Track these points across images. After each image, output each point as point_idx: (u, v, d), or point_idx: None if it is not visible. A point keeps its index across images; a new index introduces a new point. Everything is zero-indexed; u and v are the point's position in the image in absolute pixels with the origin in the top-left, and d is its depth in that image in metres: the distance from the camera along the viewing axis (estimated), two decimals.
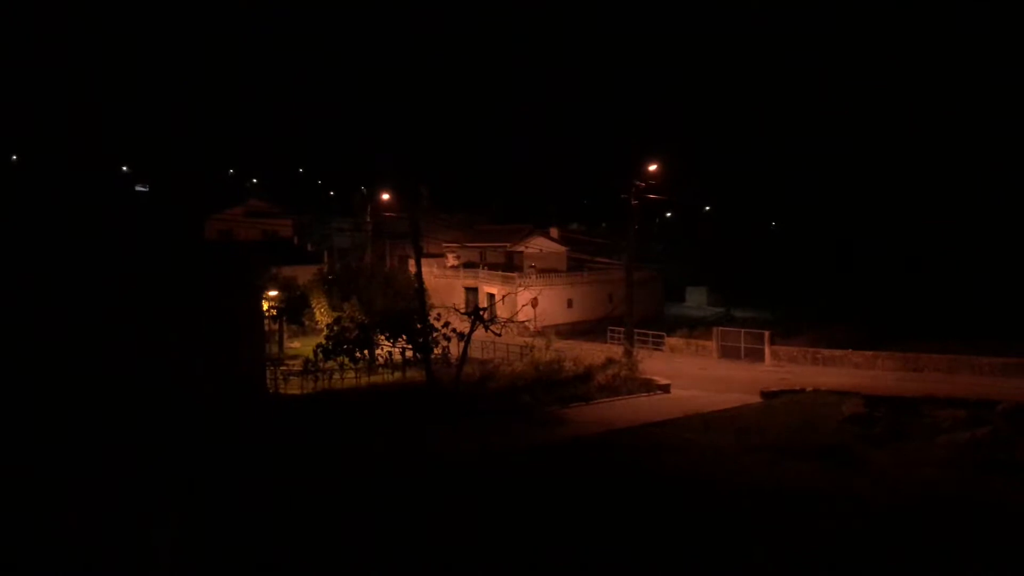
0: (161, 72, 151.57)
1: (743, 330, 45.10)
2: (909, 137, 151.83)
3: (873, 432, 23.67)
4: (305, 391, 33.39)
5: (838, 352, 40.51)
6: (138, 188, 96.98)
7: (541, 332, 46.48)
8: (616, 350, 40.08)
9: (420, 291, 33.23)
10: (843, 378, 34.62)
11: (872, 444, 22.29)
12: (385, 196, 67.23)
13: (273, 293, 45.94)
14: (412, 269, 36.66)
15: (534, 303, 51.66)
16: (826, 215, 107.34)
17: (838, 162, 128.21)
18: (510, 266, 65.43)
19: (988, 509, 16.12)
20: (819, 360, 40.52)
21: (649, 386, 32.41)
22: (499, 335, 33.84)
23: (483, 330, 31.85)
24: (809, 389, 30.99)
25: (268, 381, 32.27)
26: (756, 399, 30.16)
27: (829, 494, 17.05)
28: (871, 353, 39.42)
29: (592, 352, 38.45)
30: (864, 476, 19.12)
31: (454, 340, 32.92)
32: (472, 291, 62.35)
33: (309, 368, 35.27)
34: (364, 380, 35.18)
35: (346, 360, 35.38)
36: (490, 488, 17.15)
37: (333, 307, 50.57)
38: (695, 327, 52.57)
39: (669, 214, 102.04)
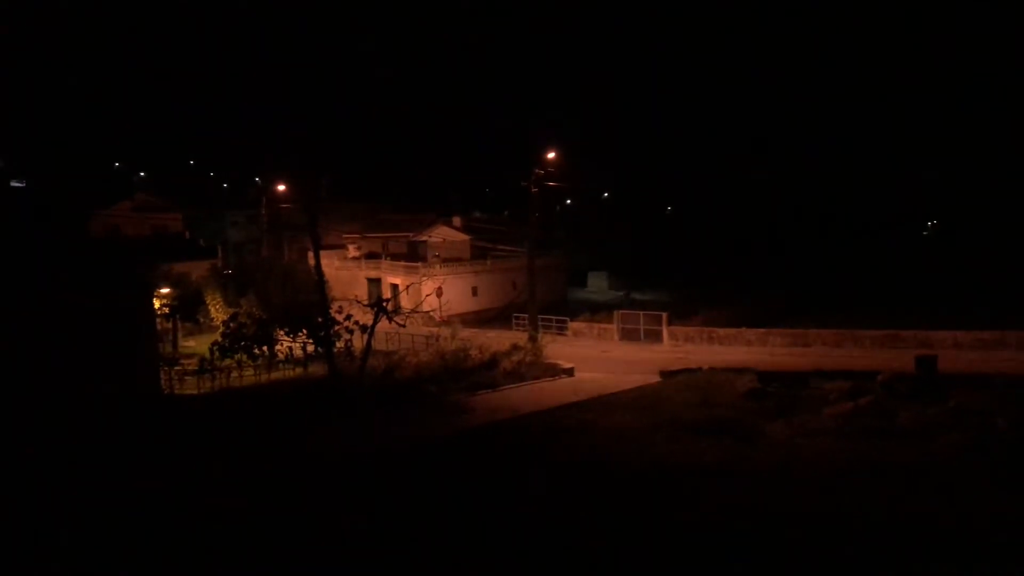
0: (40, 59, 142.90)
1: (642, 312, 46.15)
2: (800, 124, 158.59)
3: (767, 406, 24.73)
4: (202, 391, 32.28)
5: (732, 331, 41.99)
6: (14, 183, 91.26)
7: (447, 321, 46.37)
8: (521, 336, 40.43)
9: (320, 283, 32.57)
10: (738, 355, 35.94)
11: (766, 417, 23.29)
12: (281, 187, 65.50)
13: (165, 290, 44.15)
14: (312, 261, 35.89)
15: (439, 292, 51.43)
16: (718, 199, 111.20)
17: (730, 148, 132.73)
18: (413, 256, 64.87)
19: (872, 473, 17.08)
20: (715, 339, 41.89)
21: (554, 370, 32.86)
22: (403, 326, 33.52)
23: (387, 321, 31.47)
24: (706, 367, 32.02)
25: (163, 382, 31.07)
26: (656, 379, 30.97)
27: (729, 467, 17.72)
28: (763, 330, 41.07)
29: (498, 339, 38.65)
30: (760, 448, 19.98)
31: (357, 333, 32.41)
32: (375, 282, 61.58)
33: (205, 367, 34.11)
34: (264, 377, 34.28)
35: (245, 357, 34.39)
36: (391, 482, 17.03)
37: (229, 303, 48.98)
38: (597, 311, 53.43)
39: (570, 201, 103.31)
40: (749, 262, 76.72)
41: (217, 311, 48.62)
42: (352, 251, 70.45)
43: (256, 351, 34.77)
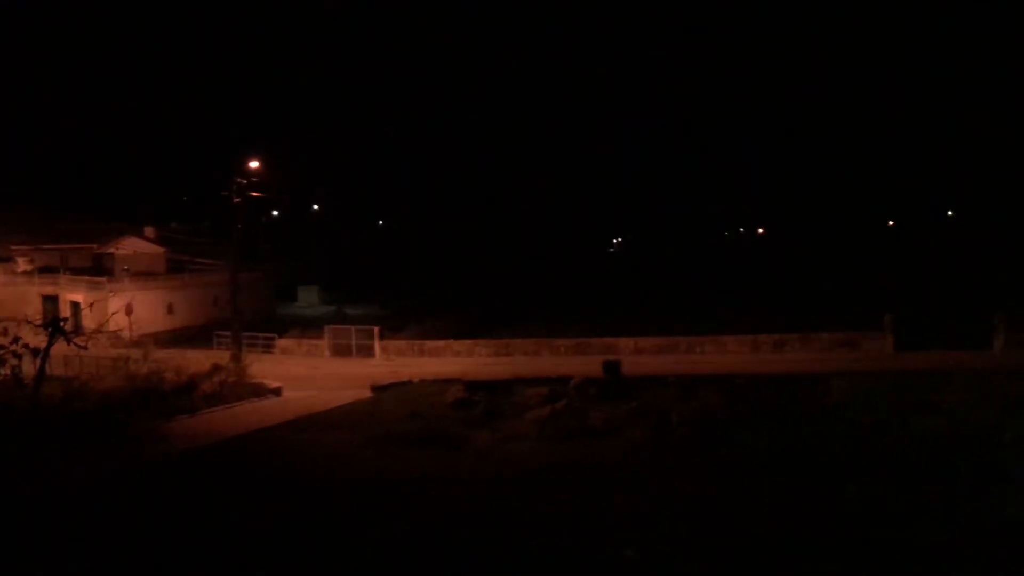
0: None
1: (354, 327, 45.98)
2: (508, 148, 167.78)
3: (473, 415, 25.74)
4: None
5: (441, 343, 43.27)
6: None
7: (138, 342, 42.72)
8: (223, 356, 38.38)
9: None
10: (446, 366, 37.08)
11: (473, 426, 24.22)
12: None
13: None
14: None
15: (128, 310, 47.17)
16: (429, 214, 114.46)
17: (441, 163, 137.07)
18: (99, 270, 58.98)
19: (567, 471, 18.41)
20: (425, 351, 42.85)
21: (260, 391, 31.71)
22: (85, 348, 30.19)
23: (66, 343, 28.18)
24: (416, 380, 32.64)
25: None
26: (367, 394, 30.94)
27: (435, 476, 18.10)
28: (470, 341, 42.85)
29: (197, 360, 36.22)
30: (466, 456, 20.70)
31: (28, 357, 28.57)
32: (51, 299, 55.10)
33: None
34: None
35: None
36: (61, 529, 15.16)
37: None
38: (307, 327, 52.37)
39: (276, 213, 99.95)
40: (457, 276, 79.61)
41: None
42: (23, 264, 62.35)
43: None
